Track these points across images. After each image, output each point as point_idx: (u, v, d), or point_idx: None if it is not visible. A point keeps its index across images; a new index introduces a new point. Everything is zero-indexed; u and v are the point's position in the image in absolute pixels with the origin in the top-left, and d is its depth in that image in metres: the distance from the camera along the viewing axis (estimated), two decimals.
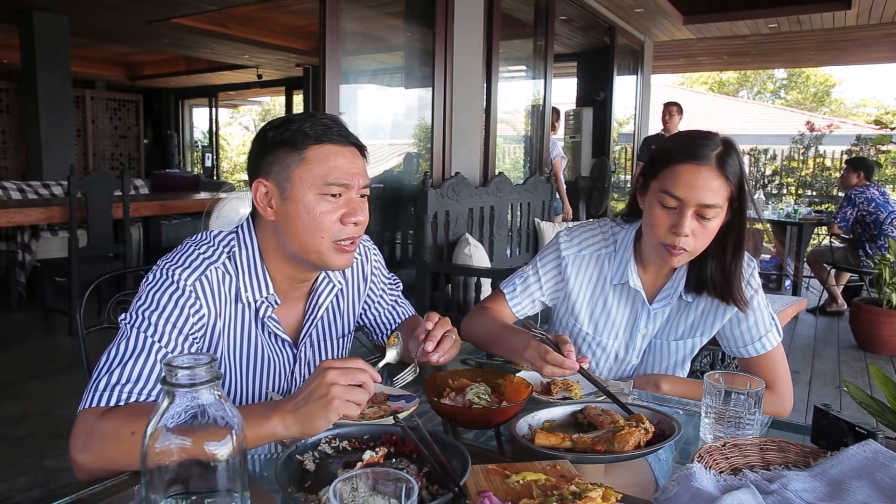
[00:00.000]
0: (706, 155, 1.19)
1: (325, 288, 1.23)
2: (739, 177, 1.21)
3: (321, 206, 1.07)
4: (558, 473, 0.86)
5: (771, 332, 1.36)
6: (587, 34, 6.69)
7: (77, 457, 0.93)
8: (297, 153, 1.06)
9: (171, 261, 1.08)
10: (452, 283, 3.43)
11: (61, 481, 2.41)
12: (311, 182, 1.06)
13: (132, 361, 0.98)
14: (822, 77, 21.04)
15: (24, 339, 4.22)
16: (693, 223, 1.21)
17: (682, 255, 1.24)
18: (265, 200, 1.09)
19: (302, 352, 1.22)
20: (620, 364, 1.44)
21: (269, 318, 1.14)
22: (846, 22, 6.49)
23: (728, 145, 1.23)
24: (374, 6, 4.49)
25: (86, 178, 4.15)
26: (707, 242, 1.25)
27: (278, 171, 1.07)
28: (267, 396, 1.20)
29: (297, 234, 1.08)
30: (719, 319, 1.36)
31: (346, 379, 0.88)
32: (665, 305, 1.37)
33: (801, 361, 4.31)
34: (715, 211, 1.21)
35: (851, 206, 5.21)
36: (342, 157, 1.08)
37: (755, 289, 1.34)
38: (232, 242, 1.14)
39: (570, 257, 1.42)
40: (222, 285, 1.10)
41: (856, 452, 0.87)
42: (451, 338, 1.16)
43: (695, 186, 1.19)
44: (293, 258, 1.12)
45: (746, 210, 1.25)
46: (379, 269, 1.38)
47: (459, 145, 4.06)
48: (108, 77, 10.33)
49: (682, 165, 1.21)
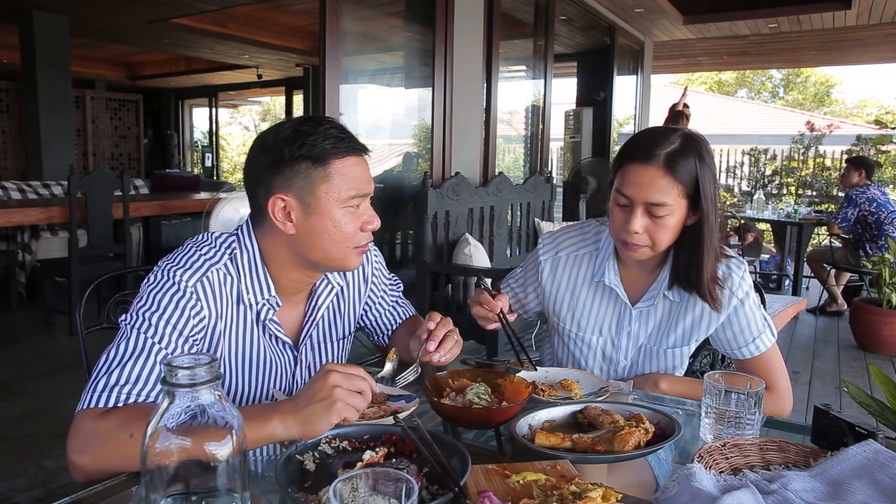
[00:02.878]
0: (654, 154, 1.21)
1: (324, 289, 1.23)
2: (695, 175, 1.21)
3: (346, 219, 1.09)
4: (558, 473, 0.86)
5: (764, 333, 1.35)
6: (587, 34, 6.69)
7: (74, 458, 0.92)
8: (320, 168, 1.06)
9: (172, 262, 1.08)
10: (452, 283, 3.43)
11: (61, 481, 2.41)
12: (337, 197, 1.07)
13: (132, 363, 0.98)
14: (822, 77, 21.04)
15: (24, 339, 4.22)
16: (644, 220, 1.24)
17: (640, 250, 1.27)
18: (284, 215, 1.08)
19: (302, 354, 1.22)
20: (609, 363, 1.44)
21: (270, 321, 1.14)
22: (846, 22, 6.49)
23: (686, 144, 1.23)
24: (374, 6, 4.49)
25: (86, 178, 4.15)
26: (667, 237, 1.26)
27: (301, 186, 1.06)
28: (269, 395, 1.20)
29: (322, 246, 1.09)
30: (713, 323, 1.35)
31: (348, 383, 0.88)
32: (650, 305, 1.37)
33: (801, 361, 4.31)
34: (666, 209, 1.22)
35: (853, 206, 5.20)
36: (359, 168, 1.10)
37: (746, 291, 1.33)
38: (233, 244, 1.14)
39: (548, 261, 1.46)
40: (224, 287, 1.10)
41: (856, 452, 0.88)
42: (452, 338, 1.17)
43: (640, 185, 1.22)
44: (310, 265, 1.13)
45: (711, 207, 1.24)
46: (380, 271, 1.39)
47: (459, 145, 4.06)
48: (108, 77, 10.32)
49: (631, 165, 1.24)
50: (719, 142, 11.41)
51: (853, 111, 20.41)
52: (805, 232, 5.88)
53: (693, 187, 1.22)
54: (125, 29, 7.36)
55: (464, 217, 3.71)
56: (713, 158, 1.28)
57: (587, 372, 1.38)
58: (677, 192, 1.22)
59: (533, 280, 1.50)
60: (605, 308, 1.41)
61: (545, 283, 1.46)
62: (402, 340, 1.33)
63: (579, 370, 1.39)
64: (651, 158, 1.21)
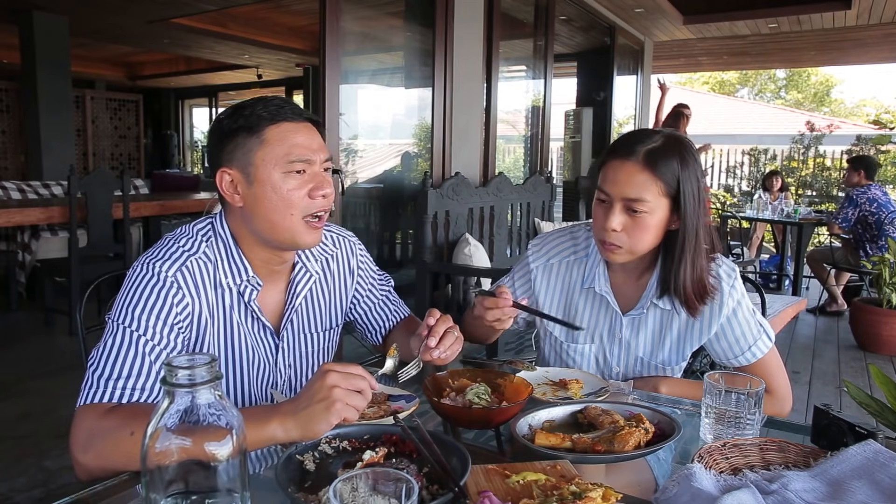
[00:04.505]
0: (634, 151, 1.21)
1: (302, 277, 1.23)
2: (676, 174, 1.20)
3: (288, 184, 1.08)
4: (558, 473, 0.86)
5: (760, 339, 1.32)
6: (587, 34, 6.69)
7: (78, 456, 0.94)
8: (255, 136, 1.08)
9: (150, 255, 1.09)
10: (452, 283, 3.43)
11: (61, 481, 2.41)
12: (274, 162, 1.08)
13: (122, 357, 1.00)
14: (822, 77, 21.04)
15: (24, 339, 4.23)
16: (622, 217, 1.23)
17: (617, 251, 1.25)
18: (231, 188, 1.10)
19: (284, 341, 1.22)
20: (602, 372, 1.42)
21: (253, 303, 1.15)
22: (846, 22, 6.49)
23: (668, 143, 1.22)
24: (374, 6, 4.49)
25: (86, 178, 4.15)
26: (646, 239, 1.24)
27: (240, 157, 1.09)
28: (268, 396, 1.20)
29: (267, 215, 1.09)
30: (705, 333, 1.33)
31: (347, 383, 0.88)
32: (640, 313, 1.35)
33: (801, 361, 4.31)
34: (645, 205, 1.21)
35: (853, 207, 5.19)
36: (300, 134, 1.10)
37: (738, 300, 1.31)
38: (209, 231, 1.15)
39: (539, 268, 1.44)
40: (203, 274, 1.11)
41: (856, 452, 0.87)
42: (453, 334, 1.15)
43: (617, 181, 1.22)
44: (265, 241, 1.13)
45: (692, 210, 1.23)
46: (366, 264, 1.39)
47: (459, 145, 4.06)
48: (108, 77, 10.33)
49: (610, 162, 1.25)
50: (719, 142, 11.41)
51: (853, 111, 20.40)
52: (805, 232, 5.88)
53: (675, 187, 1.21)
54: (125, 29, 7.36)
55: (464, 217, 3.71)
56: (698, 163, 1.25)
57: (587, 372, 1.38)
58: (657, 189, 1.20)
59: (524, 288, 1.46)
60: (595, 315, 1.39)
61: (539, 292, 1.44)
62: (400, 340, 1.32)
63: (579, 370, 1.39)
64: (631, 154, 1.21)
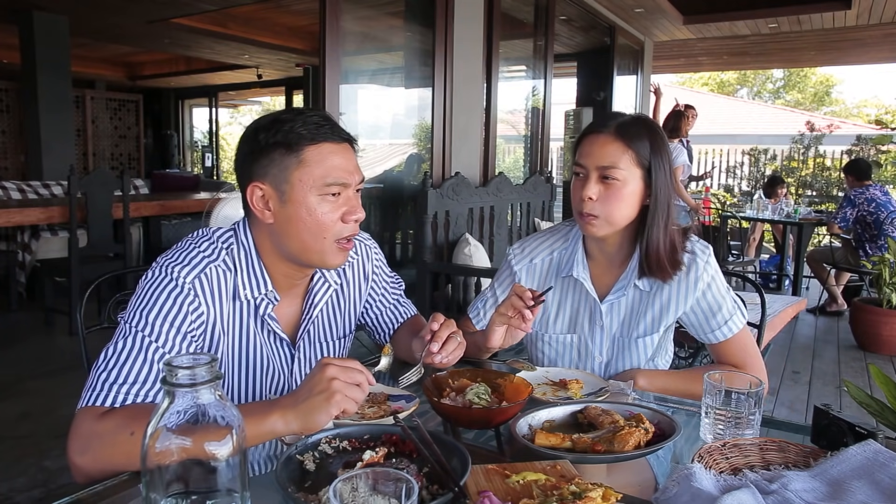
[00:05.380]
0: (606, 124, 1.30)
1: (321, 287, 1.22)
2: (647, 146, 1.28)
3: (322, 207, 1.06)
4: (558, 473, 0.86)
5: (735, 315, 1.37)
6: (587, 34, 6.69)
7: (75, 459, 0.92)
8: (293, 155, 1.05)
9: (170, 258, 1.08)
10: (452, 283, 3.43)
11: (61, 481, 2.41)
12: (311, 183, 1.05)
13: (130, 362, 0.98)
14: (821, 77, 21.04)
15: (24, 339, 4.23)
16: (598, 187, 1.29)
17: (594, 221, 1.30)
18: (262, 203, 1.08)
19: (301, 352, 1.21)
20: (585, 361, 1.43)
21: (268, 316, 1.14)
22: (846, 22, 6.49)
23: (639, 119, 1.32)
24: (374, 6, 4.49)
25: (86, 178, 4.15)
26: (621, 208, 1.29)
27: (275, 173, 1.06)
28: (268, 396, 1.20)
29: (299, 236, 1.07)
30: (681, 306, 1.36)
31: (345, 375, 0.88)
32: (619, 296, 1.37)
33: (801, 361, 4.31)
34: (618, 172, 1.27)
35: (851, 207, 5.21)
36: (338, 156, 1.08)
37: (712, 275, 1.36)
38: (231, 240, 1.13)
39: (522, 270, 1.46)
40: (221, 283, 1.09)
41: (856, 452, 0.87)
42: (455, 339, 1.16)
43: (591, 152, 1.30)
44: (291, 258, 1.12)
45: (665, 182, 1.30)
46: (380, 268, 1.38)
47: (459, 145, 4.06)
48: (108, 77, 10.32)
49: (585, 137, 1.33)
50: (719, 142, 11.42)
51: (853, 111, 20.40)
52: (805, 232, 5.89)
53: (647, 158, 1.29)
54: (125, 29, 7.35)
55: (464, 217, 3.71)
56: (666, 143, 1.34)
57: (587, 372, 1.38)
58: (629, 158, 1.28)
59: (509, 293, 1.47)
60: (575, 304, 1.42)
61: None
62: (404, 340, 1.32)
63: (579, 370, 1.39)
64: (603, 128, 1.30)
